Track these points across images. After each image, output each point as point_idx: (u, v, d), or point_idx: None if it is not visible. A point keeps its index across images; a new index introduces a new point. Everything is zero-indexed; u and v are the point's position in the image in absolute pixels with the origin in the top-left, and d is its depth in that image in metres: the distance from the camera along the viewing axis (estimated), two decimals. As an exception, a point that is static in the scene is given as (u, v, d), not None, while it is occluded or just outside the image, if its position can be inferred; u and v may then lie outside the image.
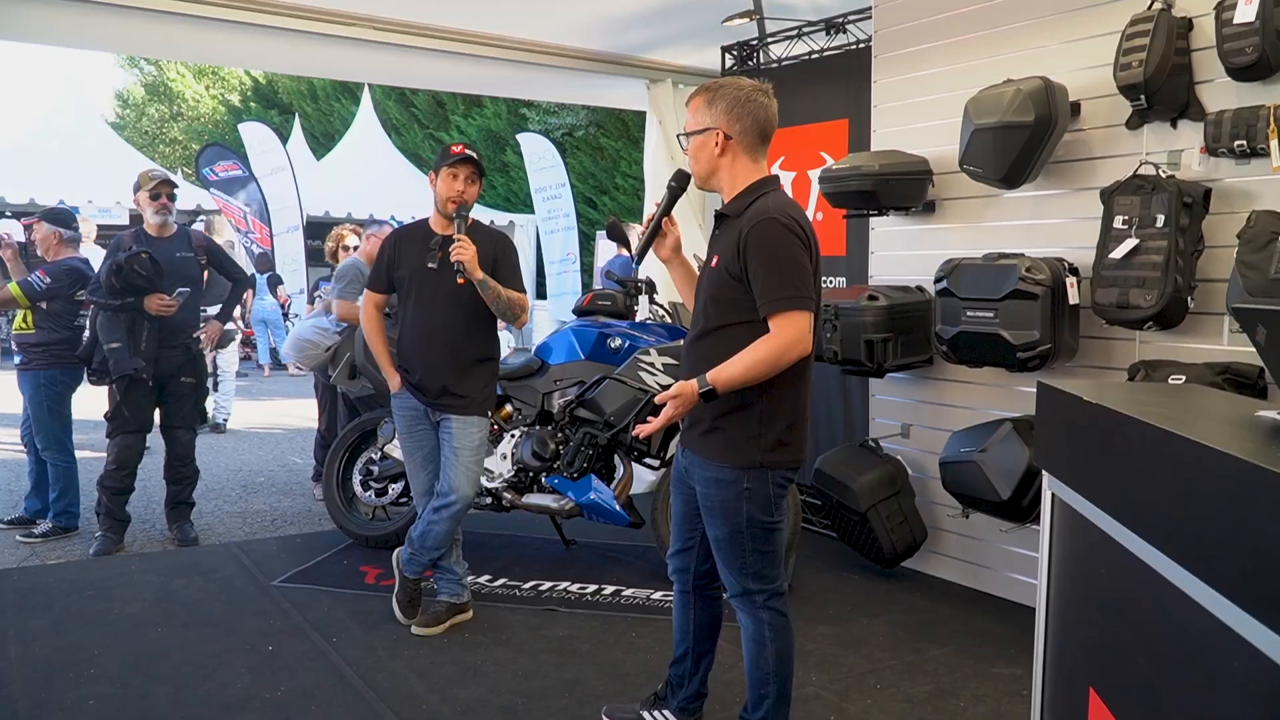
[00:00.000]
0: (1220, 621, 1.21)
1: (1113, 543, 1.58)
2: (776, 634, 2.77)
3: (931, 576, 4.76)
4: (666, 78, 6.81)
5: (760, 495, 2.68)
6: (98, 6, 5.11)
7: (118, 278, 4.78)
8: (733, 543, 2.73)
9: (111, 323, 4.90)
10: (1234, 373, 3.40)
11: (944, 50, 4.59)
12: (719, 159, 2.72)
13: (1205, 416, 1.59)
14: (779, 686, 2.79)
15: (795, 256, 2.57)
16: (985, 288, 3.95)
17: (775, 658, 2.77)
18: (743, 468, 2.66)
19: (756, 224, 2.59)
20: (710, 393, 2.57)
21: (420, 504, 4.02)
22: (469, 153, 3.84)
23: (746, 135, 2.70)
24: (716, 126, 2.70)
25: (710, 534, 2.79)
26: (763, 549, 2.73)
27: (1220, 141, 3.46)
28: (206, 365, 5.38)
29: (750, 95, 2.70)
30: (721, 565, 2.80)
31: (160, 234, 5.13)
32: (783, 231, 2.57)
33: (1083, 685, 1.72)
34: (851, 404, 5.41)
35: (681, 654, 3.08)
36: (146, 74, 30.41)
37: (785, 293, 2.55)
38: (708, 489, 2.73)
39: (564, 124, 16.62)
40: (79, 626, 3.98)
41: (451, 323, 3.86)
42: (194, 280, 5.20)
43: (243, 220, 14.27)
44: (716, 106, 2.70)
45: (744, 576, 2.75)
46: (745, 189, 2.71)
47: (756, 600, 2.76)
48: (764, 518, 2.69)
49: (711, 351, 2.66)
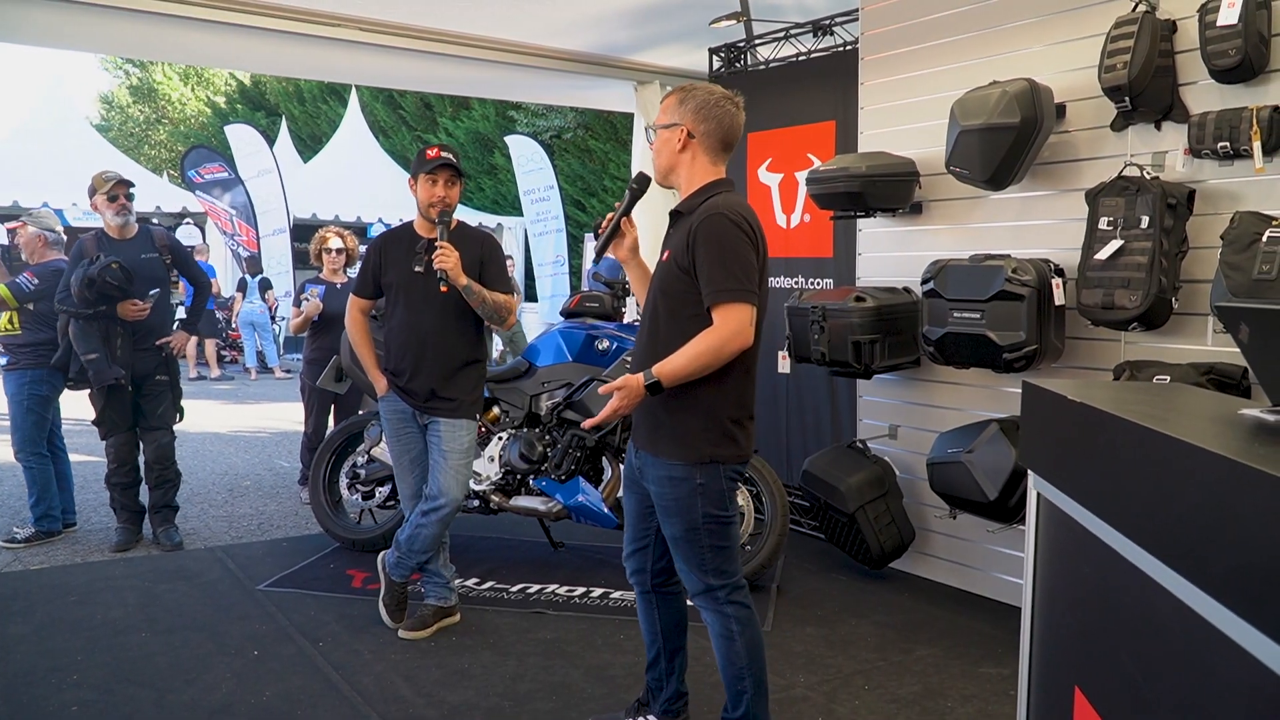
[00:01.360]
0: (1204, 619, 1.21)
1: (1097, 541, 1.58)
2: (743, 626, 2.80)
3: (919, 577, 4.77)
4: (654, 79, 6.82)
5: (714, 490, 2.72)
6: (81, 6, 5.08)
7: (90, 290, 4.72)
8: (690, 540, 2.76)
9: (85, 332, 4.85)
10: (1218, 372, 3.42)
11: (930, 52, 4.60)
12: (679, 155, 2.79)
13: (1189, 415, 1.59)
14: (755, 679, 2.81)
15: (741, 251, 2.63)
16: (972, 289, 3.96)
17: (746, 650, 2.80)
18: (695, 463, 2.70)
19: (705, 218, 2.66)
20: (656, 385, 2.62)
21: (408, 507, 4.00)
22: (445, 156, 3.83)
23: (709, 137, 2.77)
24: (682, 123, 2.77)
25: (667, 533, 2.82)
26: (720, 544, 2.77)
27: (1204, 143, 3.48)
28: (179, 365, 5.33)
29: (719, 101, 2.78)
30: (681, 564, 2.83)
31: (122, 236, 5.07)
32: (730, 226, 2.64)
33: (1068, 684, 1.72)
34: (839, 405, 5.41)
35: (654, 656, 3.10)
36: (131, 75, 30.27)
37: (728, 284, 2.61)
38: (661, 488, 2.76)
39: (552, 126, 16.62)
40: (61, 632, 3.95)
41: (439, 326, 3.85)
42: (162, 280, 5.16)
43: (229, 223, 14.23)
44: (686, 105, 2.78)
45: (705, 574, 2.78)
46: (700, 188, 2.79)
47: (719, 596, 2.79)
48: (719, 512, 2.74)
49: (662, 347, 2.71)
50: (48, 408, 5.30)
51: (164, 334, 5.20)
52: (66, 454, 5.54)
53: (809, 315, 4.53)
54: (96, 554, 5.06)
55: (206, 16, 5.28)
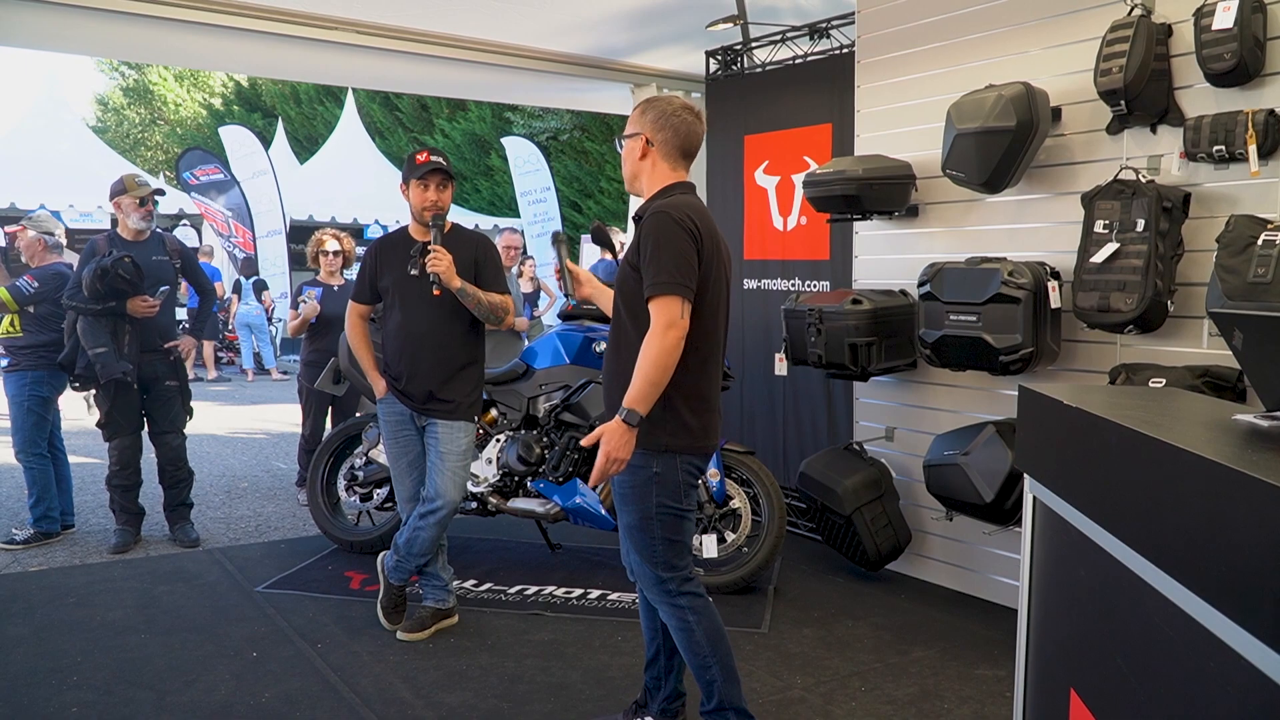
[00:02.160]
0: (1198, 623, 1.23)
1: (1092, 545, 1.59)
2: (699, 615, 2.83)
3: (916, 579, 4.78)
4: (651, 82, 6.83)
5: (670, 481, 2.77)
6: (77, 10, 5.08)
7: (101, 282, 4.79)
8: (643, 529, 2.81)
9: (94, 328, 4.90)
10: (1213, 375, 3.43)
11: (927, 55, 4.62)
12: (640, 162, 2.90)
13: (1183, 420, 1.61)
14: (721, 665, 2.84)
15: (677, 246, 2.68)
16: (968, 291, 3.98)
17: (707, 639, 2.83)
18: (651, 451, 2.74)
19: (649, 216, 2.76)
20: (633, 414, 2.64)
21: (405, 509, 4.01)
22: (436, 160, 3.85)
23: (666, 145, 2.87)
24: (643, 132, 2.89)
25: (621, 521, 2.88)
26: (672, 537, 2.82)
27: (1199, 146, 3.50)
28: (187, 368, 5.38)
29: (676, 111, 2.89)
30: (633, 553, 2.88)
31: (136, 239, 5.16)
32: (670, 223, 2.70)
33: (1064, 686, 1.74)
34: (835, 407, 5.43)
35: (654, 654, 3.13)
36: (127, 77, 30.22)
37: (660, 277, 2.67)
38: (621, 475, 2.80)
39: (548, 128, 16.64)
40: (61, 634, 3.95)
41: (436, 328, 3.87)
42: (171, 282, 5.23)
43: (225, 225, 14.22)
44: (646, 116, 2.90)
45: (654, 565, 2.83)
46: (658, 192, 2.88)
47: (670, 588, 2.83)
48: (673, 504, 2.79)
49: (625, 346, 2.80)
50: (48, 409, 5.33)
51: (170, 336, 5.25)
52: (66, 455, 5.55)
53: (805, 318, 4.55)
54: (95, 556, 5.07)
55: (203, 20, 5.28)
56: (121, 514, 5.25)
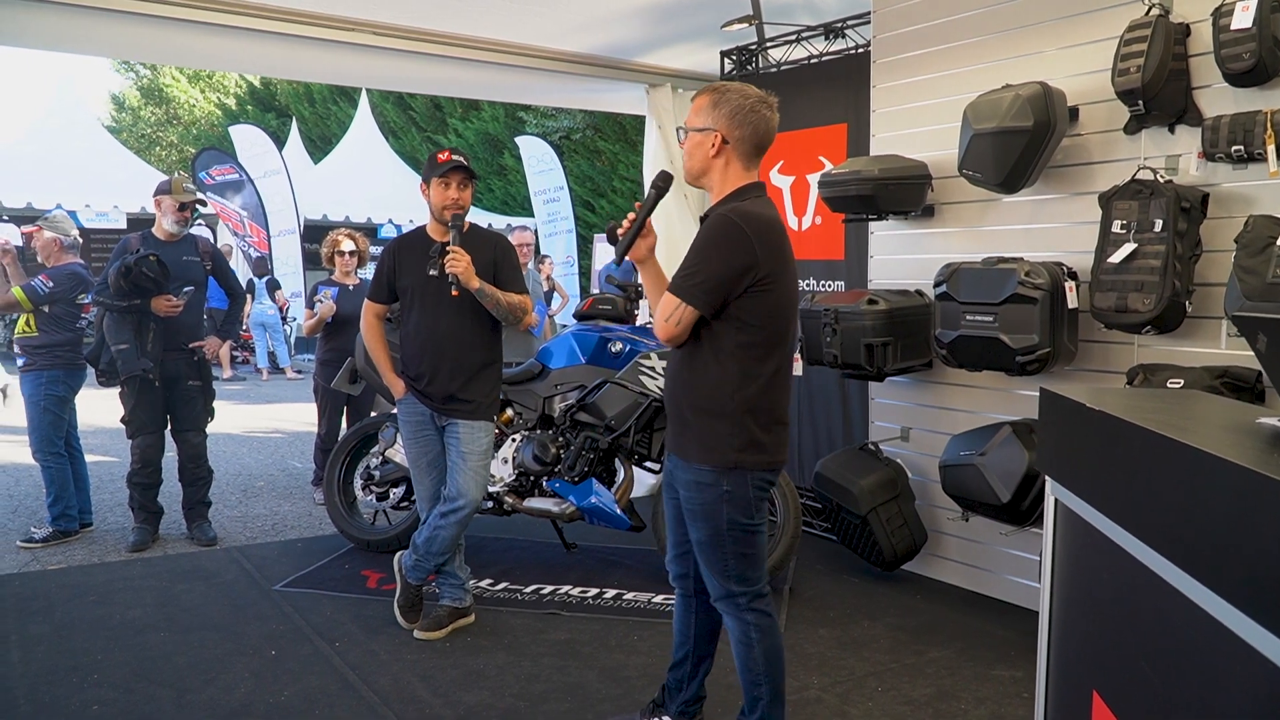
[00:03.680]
0: (1224, 626, 1.23)
1: (1116, 548, 1.60)
2: (763, 634, 2.80)
3: (931, 579, 4.78)
4: (666, 82, 6.82)
5: (740, 498, 2.70)
6: (93, 11, 5.11)
7: (126, 279, 4.84)
8: (714, 545, 2.75)
9: (119, 324, 4.96)
10: (1232, 376, 3.42)
11: (943, 55, 4.61)
12: (712, 160, 2.75)
13: (1207, 424, 1.61)
14: (771, 686, 2.81)
15: (719, 254, 2.61)
16: (984, 292, 3.97)
17: (764, 658, 2.80)
18: (721, 469, 2.69)
19: (714, 217, 2.67)
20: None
21: (424, 509, 4.02)
22: (457, 158, 3.85)
23: (743, 143, 2.74)
24: (716, 128, 2.72)
25: (692, 537, 2.82)
26: (744, 551, 2.75)
27: (1218, 146, 3.48)
28: (210, 368, 5.43)
29: (754, 105, 2.73)
30: (703, 568, 2.83)
31: (169, 239, 5.25)
32: (725, 228, 2.62)
33: (1086, 688, 1.74)
34: (851, 407, 5.42)
35: (681, 657, 3.10)
36: (141, 77, 30.36)
37: (677, 278, 2.65)
38: (689, 491, 2.76)
39: (561, 127, 16.65)
40: (81, 632, 3.98)
41: (454, 329, 3.88)
42: (199, 283, 5.28)
43: (240, 224, 14.27)
44: (720, 109, 2.72)
45: (726, 579, 2.77)
46: (731, 193, 2.75)
47: (740, 603, 2.79)
48: (744, 520, 2.72)
49: (690, 365, 2.75)
50: (64, 408, 5.36)
51: (196, 336, 5.30)
52: (83, 454, 5.59)
53: (821, 318, 4.55)
54: (113, 554, 5.10)
55: (217, 20, 5.30)
56: (140, 512, 5.30)
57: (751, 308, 2.64)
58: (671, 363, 2.85)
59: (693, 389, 2.71)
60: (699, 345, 2.70)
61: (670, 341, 2.71)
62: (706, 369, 2.69)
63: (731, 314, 2.65)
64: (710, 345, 2.68)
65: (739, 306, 2.64)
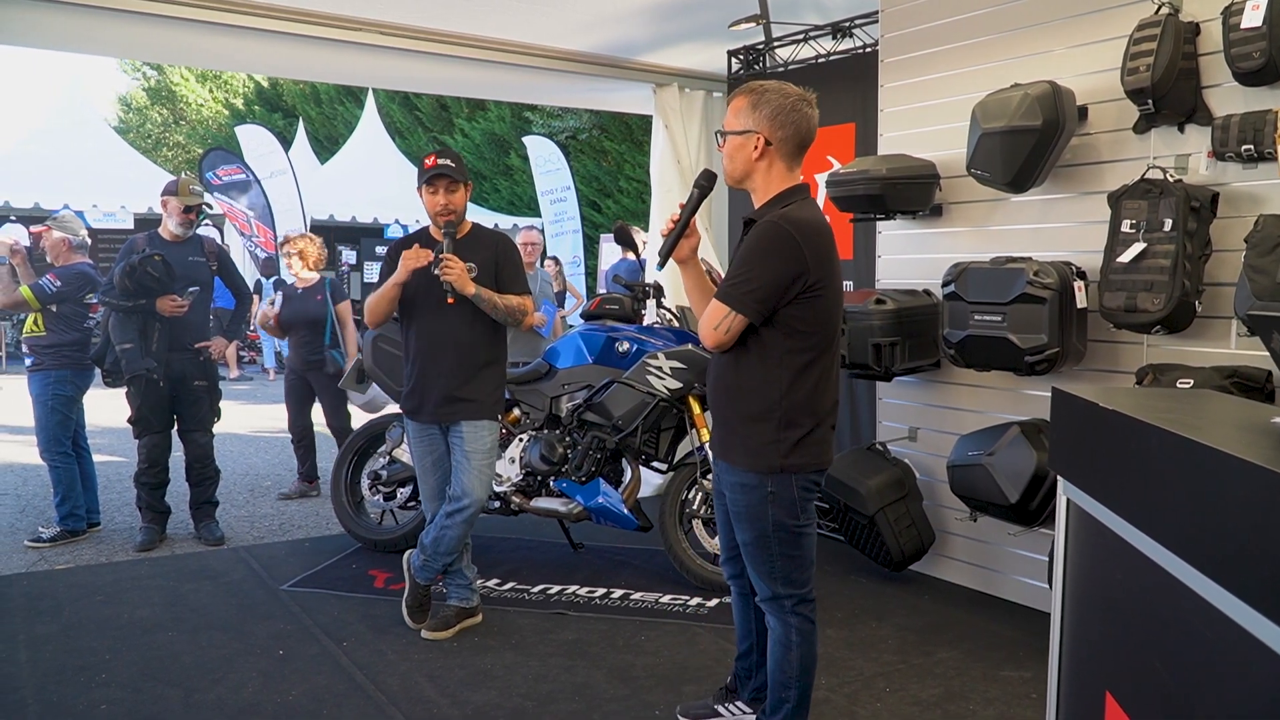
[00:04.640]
0: (1240, 627, 1.22)
1: (1129, 548, 1.59)
2: (803, 639, 2.79)
3: (939, 580, 4.77)
4: (673, 82, 6.81)
5: (786, 499, 2.69)
6: (101, 11, 5.12)
7: (130, 279, 4.86)
8: (760, 547, 2.75)
9: (124, 324, 4.98)
10: (1242, 376, 3.40)
11: (951, 54, 4.60)
12: (756, 163, 2.72)
13: (1221, 423, 1.60)
14: (800, 692, 2.82)
15: (770, 262, 2.60)
16: (993, 291, 3.96)
17: (799, 664, 2.80)
18: (765, 473, 2.68)
19: (763, 223, 2.65)
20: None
21: (430, 509, 4.03)
22: (442, 163, 3.82)
23: (786, 143, 2.70)
24: (758, 130, 2.68)
25: (739, 538, 2.81)
26: (791, 553, 2.74)
27: (1227, 146, 3.47)
28: (217, 368, 5.45)
29: (795, 104, 2.69)
30: (751, 569, 2.83)
31: (175, 240, 5.29)
32: (775, 235, 2.61)
33: (1099, 689, 1.73)
34: (859, 407, 5.41)
35: (746, 649, 3.14)
36: (149, 78, 30.42)
37: (726, 284, 2.65)
38: (735, 494, 2.76)
39: (567, 127, 16.63)
40: (89, 631, 3.99)
41: (457, 328, 3.88)
42: (204, 283, 5.30)
43: (247, 224, 14.30)
44: (760, 111, 2.68)
45: (773, 581, 2.77)
46: (776, 195, 2.73)
47: (785, 605, 2.78)
48: (790, 522, 2.71)
49: (734, 369, 2.73)
50: (72, 408, 5.38)
51: (202, 336, 5.32)
52: (90, 454, 5.60)
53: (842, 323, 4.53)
54: (121, 554, 5.12)
55: (224, 20, 5.30)
56: (148, 512, 5.31)
57: (800, 314, 2.63)
58: (714, 367, 2.82)
59: (739, 394, 2.71)
60: (746, 351, 2.68)
61: (718, 348, 2.70)
62: (753, 374, 2.68)
63: (780, 320, 2.63)
64: (758, 351, 2.66)
65: (788, 313, 2.63)
